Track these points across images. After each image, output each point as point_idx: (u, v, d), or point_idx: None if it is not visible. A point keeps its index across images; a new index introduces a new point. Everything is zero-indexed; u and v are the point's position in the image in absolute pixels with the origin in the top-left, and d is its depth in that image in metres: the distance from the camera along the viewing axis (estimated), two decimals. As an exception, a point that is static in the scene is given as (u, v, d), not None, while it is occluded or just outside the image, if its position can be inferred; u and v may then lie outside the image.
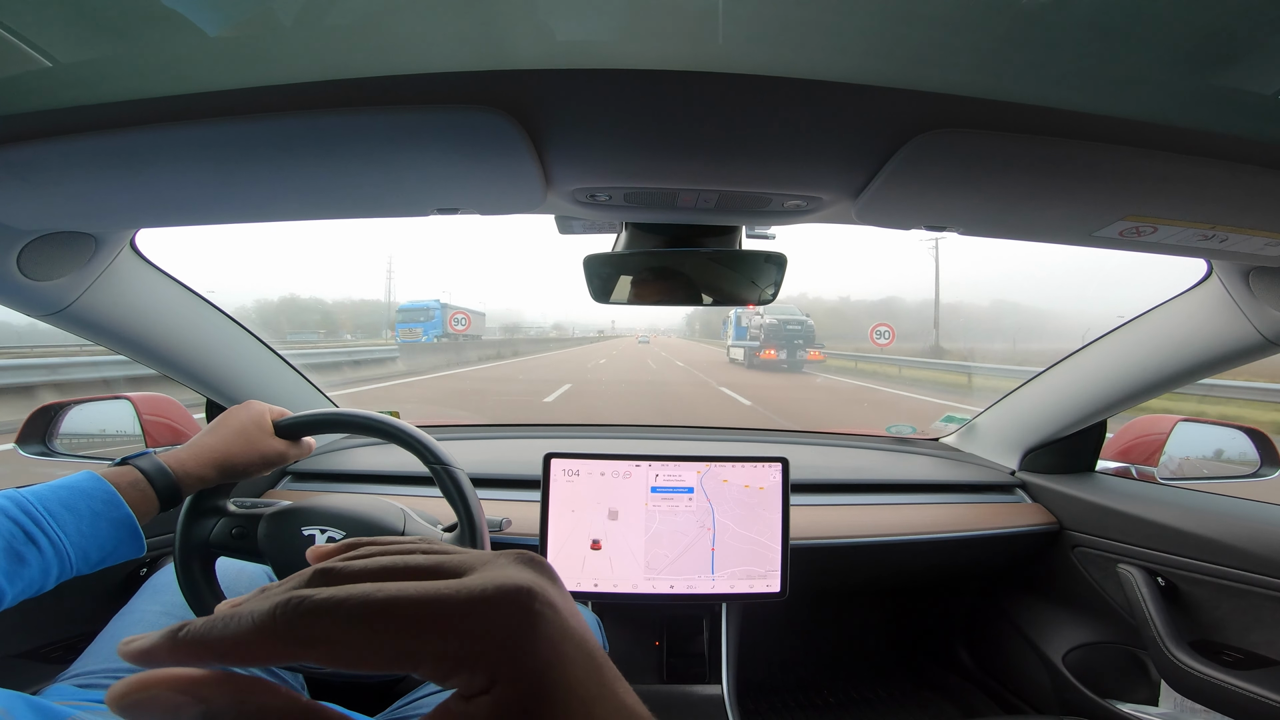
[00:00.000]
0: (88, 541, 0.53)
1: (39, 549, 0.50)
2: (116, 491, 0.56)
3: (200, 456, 0.64)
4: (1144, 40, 0.41)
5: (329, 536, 0.66)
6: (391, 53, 0.44)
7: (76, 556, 0.52)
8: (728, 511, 1.02)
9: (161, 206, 0.68)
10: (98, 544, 0.54)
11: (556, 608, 0.22)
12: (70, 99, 0.48)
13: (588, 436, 1.52)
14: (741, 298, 0.89)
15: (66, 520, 0.52)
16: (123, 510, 0.55)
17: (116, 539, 0.55)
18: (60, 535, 0.51)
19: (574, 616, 0.23)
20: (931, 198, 0.61)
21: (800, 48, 0.43)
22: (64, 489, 0.54)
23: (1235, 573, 0.95)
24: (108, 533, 0.54)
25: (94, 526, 0.54)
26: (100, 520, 0.54)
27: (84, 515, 0.53)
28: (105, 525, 0.54)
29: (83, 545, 0.53)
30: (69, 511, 0.53)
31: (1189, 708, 1.04)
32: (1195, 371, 0.99)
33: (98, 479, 0.56)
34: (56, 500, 0.53)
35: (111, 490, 0.55)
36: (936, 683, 1.55)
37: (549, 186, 0.63)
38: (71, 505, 0.53)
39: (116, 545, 0.55)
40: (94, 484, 0.55)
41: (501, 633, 0.21)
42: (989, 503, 1.28)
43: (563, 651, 0.21)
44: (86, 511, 0.53)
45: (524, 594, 0.22)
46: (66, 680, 0.65)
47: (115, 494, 0.55)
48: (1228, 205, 0.59)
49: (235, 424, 0.68)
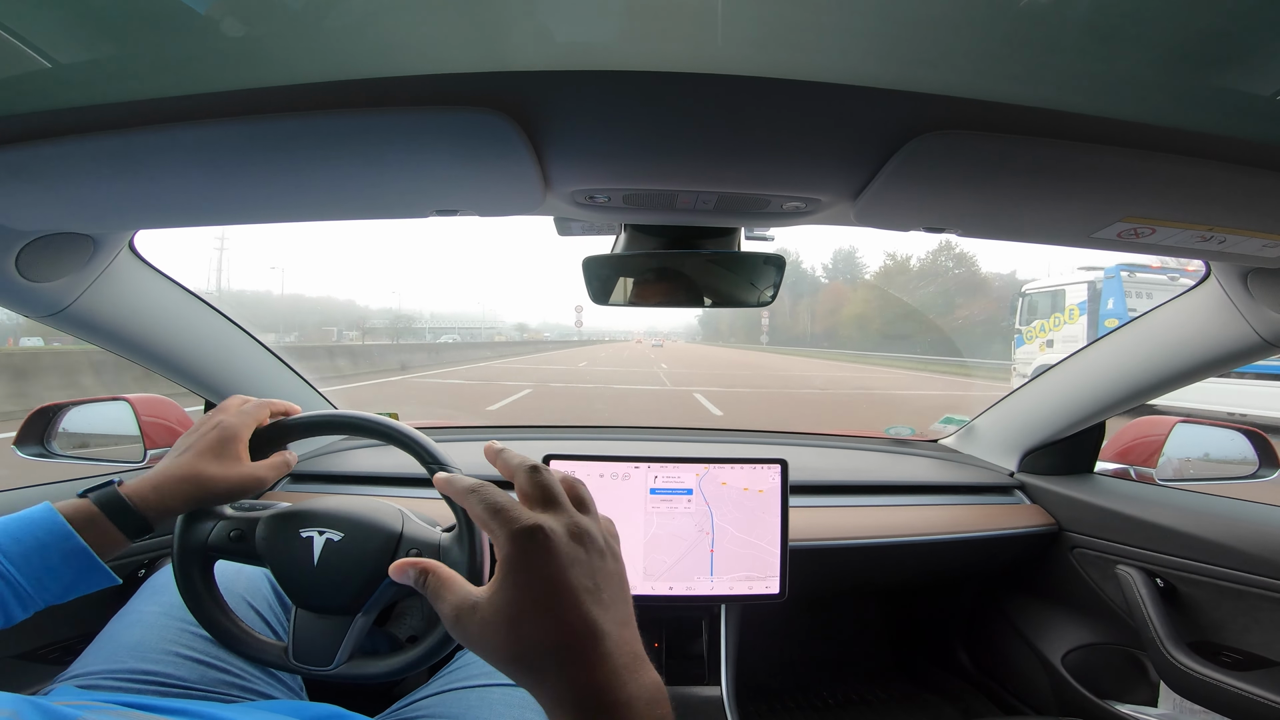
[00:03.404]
0: (40, 572, 0.52)
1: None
2: (68, 524, 0.54)
3: (162, 487, 0.58)
4: (1142, 42, 0.41)
5: (327, 538, 0.65)
6: (391, 54, 0.44)
7: (32, 587, 0.51)
8: (726, 514, 1.02)
9: (160, 208, 0.68)
10: (52, 575, 0.52)
11: (553, 546, 0.35)
12: (69, 100, 0.48)
13: (586, 438, 1.52)
14: (740, 299, 0.89)
15: (14, 552, 0.51)
16: (74, 542, 0.53)
17: (75, 571, 0.53)
18: (8, 567, 0.50)
19: (570, 554, 0.35)
20: (930, 199, 0.62)
21: (799, 49, 0.43)
22: (14, 521, 0.53)
23: (1234, 574, 0.95)
24: (61, 564, 0.53)
25: (43, 557, 0.52)
26: (50, 552, 0.52)
27: (31, 546, 0.52)
28: (56, 557, 0.53)
29: (35, 576, 0.51)
30: (15, 543, 0.52)
31: (1188, 709, 1.04)
32: (1194, 373, 0.99)
33: (50, 510, 0.54)
34: (4, 532, 0.52)
35: (62, 523, 0.54)
36: (935, 684, 1.55)
37: (548, 188, 0.63)
38: (18, 537, 0.52)
39: (76, 576, 0.54)
40: (45, 515, 0.54)
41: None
42: (988, 504, 1.28)
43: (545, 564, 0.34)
44: (33, 543, 0.52)
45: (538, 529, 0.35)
46: (66, 681, 0.65)
47: (66, 526, 0.54)
48: (1226, 207, 0.59)
49: (203, 444, 0.61)
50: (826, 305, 63.25)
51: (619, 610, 0.36)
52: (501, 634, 0.34)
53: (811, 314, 64.64)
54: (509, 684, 0.74)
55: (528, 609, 0.33)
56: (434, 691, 0.74)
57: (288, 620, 0.67)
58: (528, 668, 0.33)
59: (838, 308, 59.26)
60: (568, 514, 0.37)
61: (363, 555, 0.64)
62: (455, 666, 0.79)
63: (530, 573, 0.34)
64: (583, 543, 0.36)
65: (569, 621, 0.33)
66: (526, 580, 0.34)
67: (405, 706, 0.73)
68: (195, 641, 0.69)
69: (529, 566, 0.34)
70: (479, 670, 0.76)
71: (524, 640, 0.33)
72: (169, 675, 0.66)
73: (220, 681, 0.68)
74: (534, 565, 0.34)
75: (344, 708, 0.66)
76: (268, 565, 0.66)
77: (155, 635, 0.69)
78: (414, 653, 0.65)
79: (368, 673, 0.65)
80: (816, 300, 67.60)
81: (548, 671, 0.33)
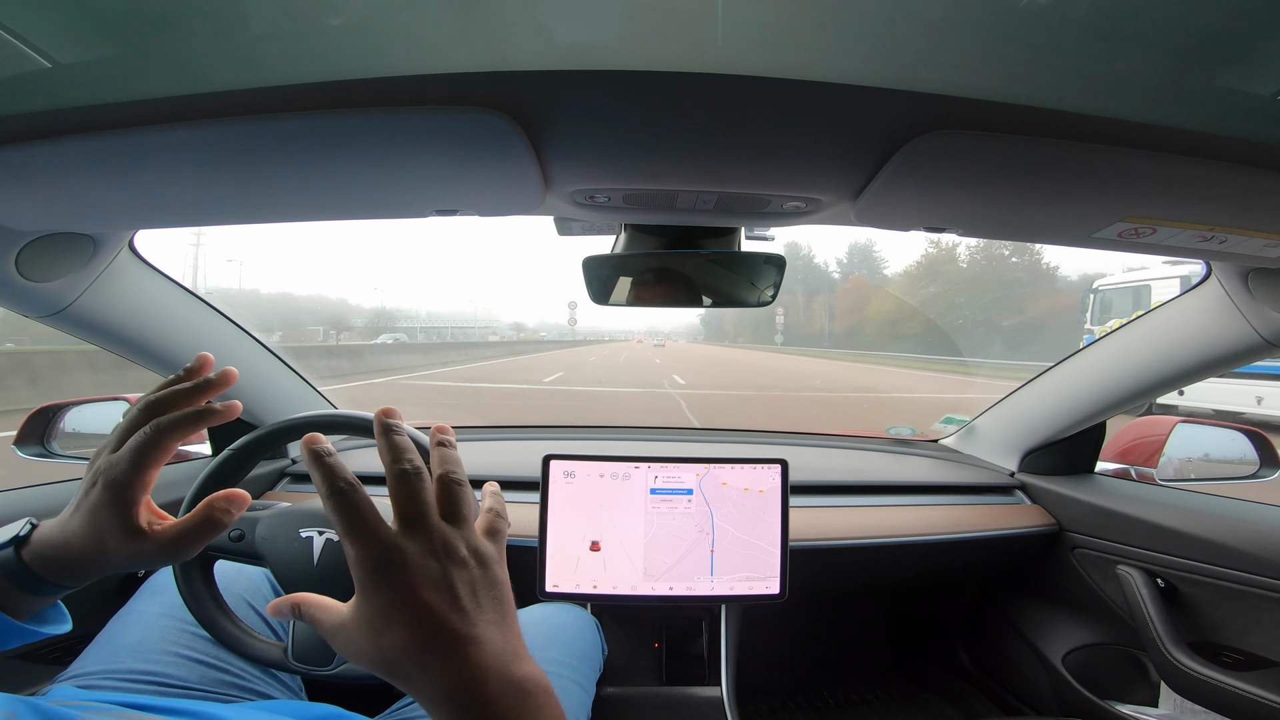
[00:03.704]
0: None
1: None
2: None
3: (48, 553, 0.44)
4: (1143, 41, 0.41)
5: (327, 538, 0.65)
6: (391, 54, 0.44)
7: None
8: (727, 515, 1.02)
9: (160, 208, 0.68)
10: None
11: (402, 566, 0.36)
12: (69, 100, 0.48)
13: (587, 438, 1.52)
14: (740, 299, 0.89)
15: None
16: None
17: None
18: None
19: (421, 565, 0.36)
20: (931, 199, 0.62)
21: (799, 49, 0.43)
22: None
23: (1235, 574, 0.95)
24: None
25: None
26: None
27: None
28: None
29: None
30: None
31: (1188, 709, 1.04)
32: (1194, 373, 0.99)
33: None
34: None
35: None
36: (936, 684, 1.55)
37: (548, 188, 0.63)
38: None
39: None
40: None
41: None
42: (988, 504, 1.28)
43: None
44: None
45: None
46: (66, 681, 0.65)
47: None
48: (1227, 206, 0.59)
49: (86, 505, 0.44)
50: (851, 301, 55.55)
51: (487, 614, 0.37)
52: (367, 645, 0.36)
53: (830, 311, 57.39)
54: None
55: (382, 623, 0.35)
56: None
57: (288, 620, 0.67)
58: (394, 673, 0.36)
59: (866, 304, 51.98)
60: (425, 529, 0.37)
61: None
62: (455, 666, 0.79)
63: (381, 591, 0.36)
64: (439, 557, 0.37)
65: (422, 632, 0.35)
66: (378, 597, 0.36)
67: (404, 707, 0.73)
68: (195, 642, 0.69)
69: (379, 586, 0.36)
70: None
71: (385, 649, 0.35)
72: (168, 675, 0.66)
73: (220, 681, 0.68)
74: (383, 584, 0.36)
75: (343, 708, 0.66)
76: (268, 565, 0.66)
77: (155, 635, 0.69)
78: None
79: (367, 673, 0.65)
80: (838, 296, 60.19)
81: (411, 675, 0.35)
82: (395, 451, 0.39)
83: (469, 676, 0.34)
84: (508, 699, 0.34)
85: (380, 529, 0.37)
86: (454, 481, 0.40)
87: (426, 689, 0.35)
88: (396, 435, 0.40)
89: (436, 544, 0.37)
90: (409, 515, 0.37)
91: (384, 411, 0.40)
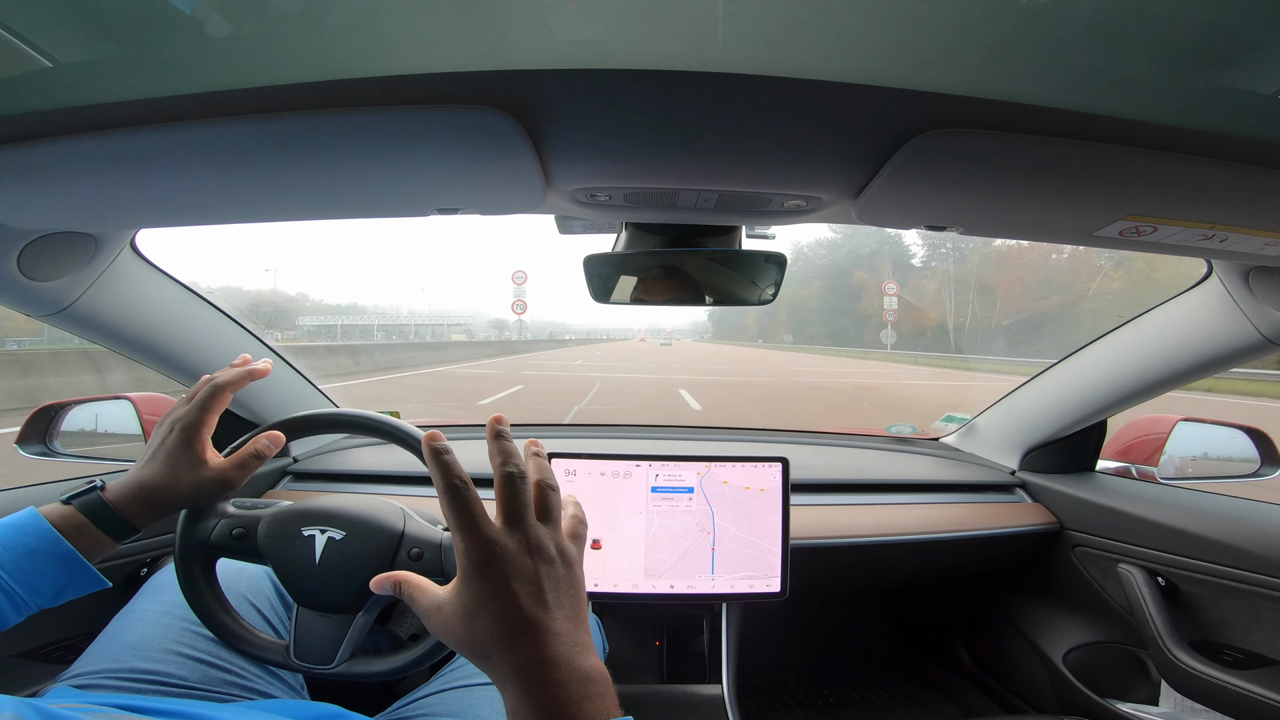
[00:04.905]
0: (34, 577, 0.53)
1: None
2: (53, 528, 0.55)
3: (128, 495, 0.58)
4: (1144, 40, 0.41)
5: (329, 537, 0.66)
6: (391, 53, 0.44)
7: (26, 592, 0.53)
8: (727, 514, 1.02)
9: (161, 207, 0.68)
10: (46, 579, 0.54)
11: (502, 559, 0.41)
12: (70, 99, 0.48)
13: (587, 436, 1.52)
14: (741, 298, 0.89)
15: (4, 558, 0.52)
16: (63, 546, 0.55)
17: (66, 574, 0.55)
18: (1, 574, 0.52)
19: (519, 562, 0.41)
20: (931, 198, 0.61)
21: (800, 48, 0.43)
22: (2, 526, 0.54)
23: (1236, 572, 0.95)
24: (51, 568, 0.54)
25: (33, 562, 0.53)
26: (39, 556, 0.54)
27: (20, 552, 0.53)
28: (46, 561, 0.54)
29: (29, 581, 0.53)
30: (6, 549, 0.53)
31: (1189, 707, 1.04)
32: (1195, 371, 0.99)
33: (35, 515, 0.56)
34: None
35: (47, 526, 0.55)
36: (936, 682, 1.55)
37: (549, 186, 0.63)
38: (8, 543, 0.53)
39: (69, 580, 0.55)
40: (31, 520, 0.55)
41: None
42: (989, 502, 1.28)
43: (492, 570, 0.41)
44: (22, 548, 0.53)
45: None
46: (66, 681, 0.65)
47: (51, 530, 0.55)
48: (1227, 205, 0.59)
49: (164, 449, 0.60)
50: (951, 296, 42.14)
51: (564, 609, 0.41)
52: (460, 626, 0.41)
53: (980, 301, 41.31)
54: None
55: (476, 609, 0.40)
56: (435, 690, 0.74)
57: (289, 619, 0.67)
58: (479, 653, 0.40)
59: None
60: (524, 528, 0.42)
61: (364, 554, 0.65)
62: (456, 665, 0.79)
63: (480, 581, 0.41)
64: (533, 555, 0.42)
65: (509, 619, 0.40)
66: (477, 586, 0.41)
67: (406, 705, 0.73)
68: (197, 640, 0.69)
69: (479, 576, 0.41)
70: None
71: (475, 632, 0.40)
72: (170, 674, 0.66)
73: (221, 680, 0.68)
74: (484, 575, 0.41)
75: (345, 707, 0.67)
76: (269, 564, 0.66)
77: (157, 634, 0.69)
78: (415, 651, 0.65)
79: (369, 671, 0.65)
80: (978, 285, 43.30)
81: (492, 657, 0.40)
82: (505, 455, 0.44)
83: (542, 661, 0.39)
84: (572, 684, 0.38)
85: (487, 525, 0.42)
86: (549, 487, 0.45)
87: (504, 669, 0.39)
88: (506, 441, 0.45)
89: (532, 542, 0.42)
90: (511, 514, 0.42)
91: (496, 419, 0.46)
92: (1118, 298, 33.04)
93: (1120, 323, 1.10)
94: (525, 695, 0.38)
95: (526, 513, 0.43)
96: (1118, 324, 1.11)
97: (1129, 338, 1.08)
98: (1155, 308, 1.02)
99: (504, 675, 0.39)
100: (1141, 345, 1.05)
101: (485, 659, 0.40)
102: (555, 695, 0.38)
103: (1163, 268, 19.32)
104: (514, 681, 0.39)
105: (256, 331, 1.15)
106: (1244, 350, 0.90)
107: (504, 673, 0.39)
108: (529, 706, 0.38)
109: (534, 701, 0.38)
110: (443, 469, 0.42)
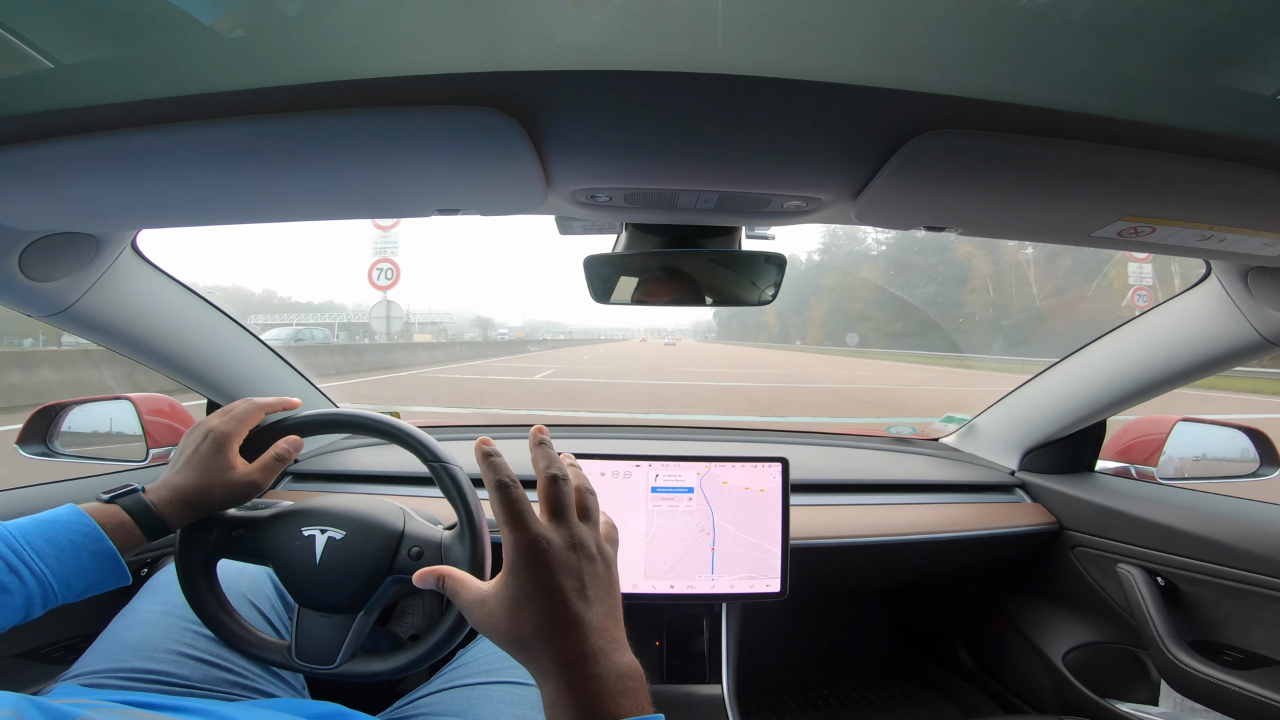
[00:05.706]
0: (70, 572, 0.55)
1: (21, 579, 0.52)
2: (98, 526, 0.57)
3: (165, 498, 0.63)
4: (1143, 41, 0.41)
5: (329, 537, 0.66)
6: (392, 54, 0.44)
7: (60, 586, 0.54)
8: (727, 514, 1.02)
9: (162, 207, 0.68)
10: (80, 574, 0.56)
11: (549, 555, 0.42)
12: (71, 100, 0.48)
13: (587, 436, 1.52)
14: (741, 298, 0.89)
15: (48, 552, 0.54)
16: (104, 544, 0.57)
17: (99, 570, 0.57)
18: (41, 566, 0.53)
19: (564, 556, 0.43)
20: (931, 198, 0.62)
21: (799, 49, 0.43)
22: (46, 522, 0.56)
23: (1235, 572, 0.95)
24: (90, 564, 0.56)
25: (75, 558, 0.56)
26: (81, 553, 0.56)
27: (65, 548, 0.55)
28: (87, 557, 0.56)
29: (65, 576, 0.55)
30: (50, 544, 0.55)
31: (1189, 708, 1.04)
32: (1194, 371, 0.99)
33: (79, 513, 0.58)
34: (38, 533, 0.55)
35: (92, 524, 0.57)
36: (936, 683, 1.55)
37: (549, 187, 0.64)
38: (53, 538, 0.55)
39: (100, 576, 0.57)
40: (75, 518, 0.57)
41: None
42: (989, 503, 1.28)
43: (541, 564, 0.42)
44: (67, 544, 0.55)
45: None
46: (69, 680, 0.65)
47: (96, 528, 0.57)
48: (1226, 205, 0.59)
49: (196, 456, 0.65)
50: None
51: (603, 605, 0.43)
52: (503, 620, 0.42)
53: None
54: (510, 681, 0.75)
55: (523, 601, 0.42)
56: (436, 689, 0.74)
57: (290, 619, 0.67)
58: (521, 646, 0.42)
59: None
60: (568, 526, 0.45)
61: (365, 553, 0.65)
62: (456, 664, 0.79)
63: (528, 574, 0.42)
64: (576, 551, 0.44)
65: (554, 612, 0.41)
66: (524, 580, 0.42)
67: (407, 704, 0.73)
68: (198, 640, 0.70)
69: (527, 569, 0.42)
70: (480, 668, 0.77)
71: (520, 625, 0.41)
72: (171, 674, 0.66)
73: (223, 680, 0.68)
74: (532, 568, 0.42)
75: (346, 706, 0.67)
76: (270, 564, 0.66)
77: (158, 634, 0.69)
78: (416, 651, 0.65)
79: (370, 671, 0.65)
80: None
81: (536, 649, 0.41)
82: (549, 460, 0.47)
83: (582, 655, 0.40)
84: (610, 679, 0.40)
85: (534, 521, 0.44)
86: (588, 491, 0.48)
87: (545, 662, 0.41)
88: (548, 448, 0.48)
89: (575, 539, 0.44)
90: (556, 512, 0.45)
91: (538, 429, 0.48)
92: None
93: (1119, 323, 1.10)
94: (566, 689, 0.39)
95: (570, 512, 0.45)
96: (1117, 324, 1.11)
97: (1128, 338, 1.09)
98: (1154, 308, 1.02)
99: (545, 668, 0.40)
100: (1140, 346, 1.05)
101: (527, 651, 0.41)
102: (594, 689, 0.39)
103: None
104: (555, 674, 0.40)
105: (256, 333, 1.16)
106: (1243, 350, 0.90)
107: (545, 665, 0.40)
108: (570, 699, 0.39)
109: (574, 695, 0.39)
110: (492, 469, 0.45)
